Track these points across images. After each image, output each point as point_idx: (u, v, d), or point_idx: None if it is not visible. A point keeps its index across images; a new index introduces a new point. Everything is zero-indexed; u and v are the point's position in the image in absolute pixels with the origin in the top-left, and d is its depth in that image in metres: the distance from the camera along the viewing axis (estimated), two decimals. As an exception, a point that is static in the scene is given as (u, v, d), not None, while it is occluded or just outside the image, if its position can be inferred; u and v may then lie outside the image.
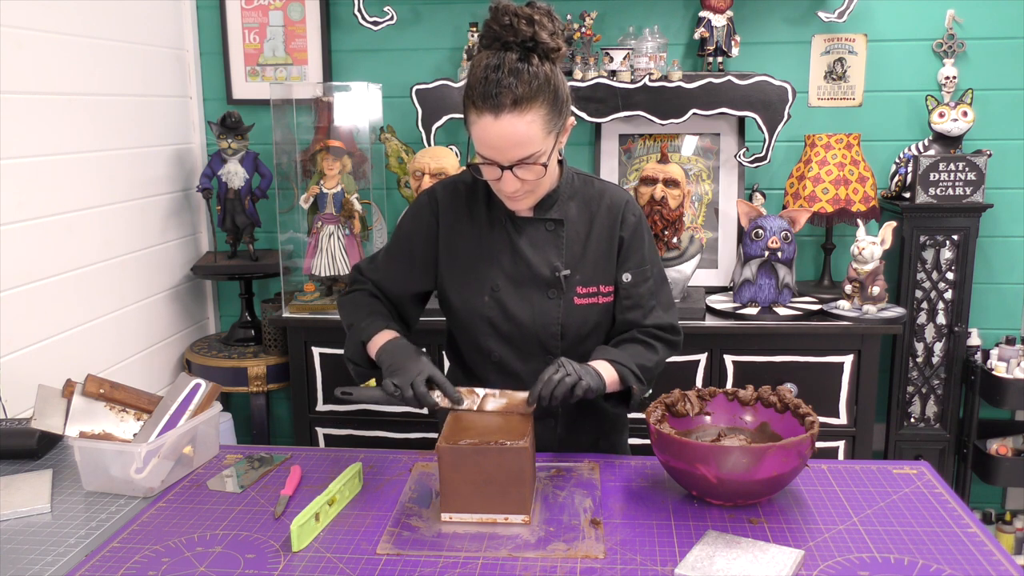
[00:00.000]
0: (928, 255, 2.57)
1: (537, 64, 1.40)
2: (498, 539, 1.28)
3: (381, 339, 1.54)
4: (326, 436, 2.58)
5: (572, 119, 1.50)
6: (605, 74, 2.56)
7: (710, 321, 2.39)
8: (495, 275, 1.56)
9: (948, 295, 2.58)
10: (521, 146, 1.40)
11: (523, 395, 1.47)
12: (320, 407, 2.56)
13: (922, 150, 2.62)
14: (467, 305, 1.58)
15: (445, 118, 2.60)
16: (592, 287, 1.57)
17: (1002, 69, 2.67)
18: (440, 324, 1.73)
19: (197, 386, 1.57)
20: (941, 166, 2.50)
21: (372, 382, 1.50)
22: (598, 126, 2.75)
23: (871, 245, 2.35)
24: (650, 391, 1.61)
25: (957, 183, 2.51)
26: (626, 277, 1.59)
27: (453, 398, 1.46)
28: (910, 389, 2.64)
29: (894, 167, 2.70)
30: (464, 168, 2.37)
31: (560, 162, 1.59)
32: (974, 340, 2.66)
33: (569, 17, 2.58)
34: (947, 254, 2.56)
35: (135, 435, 1.53)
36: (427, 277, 1.63)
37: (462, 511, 1.34)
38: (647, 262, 1.61)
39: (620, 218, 1.58)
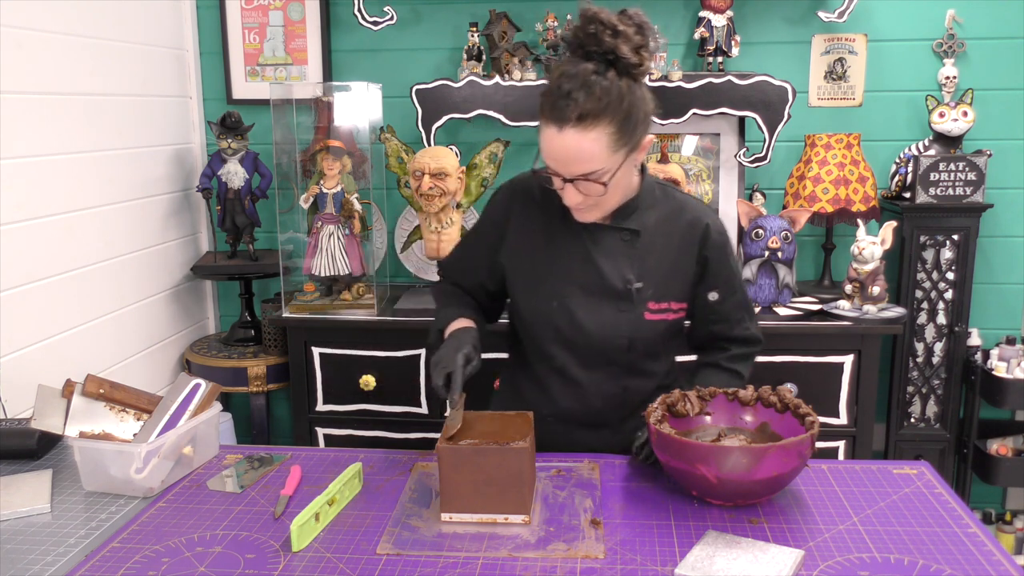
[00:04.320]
0: (928, 255, 2.57)
1: (612, 79, 1.35)
2: (498, 539, 1.28)
3: (453, 327, 1.56)
4: (326, 436, 2.58)
5: (650, 137, 1.45)
6: (605, 74, 2.55)
7: (710, 321, 2.39)
8: (565, 282, 1.54)
9: (948, 295, 2.58)
10: (582, 162, 1.37)
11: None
12: (320, 407, 2.55)
13: (922, 150, 2.62)
14: (533, 309, 1.56)
15: (445, 118, 2.60)
16: (664, 303, 1.54)
17: (1002, 69, 2.67)
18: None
19: (197, 386, 1.57)
20: (941, 166, 2.50)
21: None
22: (598, 126, 2.74)
23: (871, 245, 2.34)
24: None
25: (957, 183, 2.51)
26: (712, 296, 1.57)
27: (451, 400, 1.44)
28: (910, 389, 2.64)
29: (894, 167, 2.70)
30: (450, 178, 2.36)
31: (642, 170, 1.55)
32: (974, 340, 2.66)
33: (569, 17, 2.58)
34: (947, 254, 2.56)
35: (135, 435, 1.53)
36: (490, 271, 1.63)
37: (462, 511, 1.34)
38: (734, 276, 1.60)
39: (702, 237, 1.54)
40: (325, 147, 2.51)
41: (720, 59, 2.61)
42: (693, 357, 1.73)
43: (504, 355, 1.76)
